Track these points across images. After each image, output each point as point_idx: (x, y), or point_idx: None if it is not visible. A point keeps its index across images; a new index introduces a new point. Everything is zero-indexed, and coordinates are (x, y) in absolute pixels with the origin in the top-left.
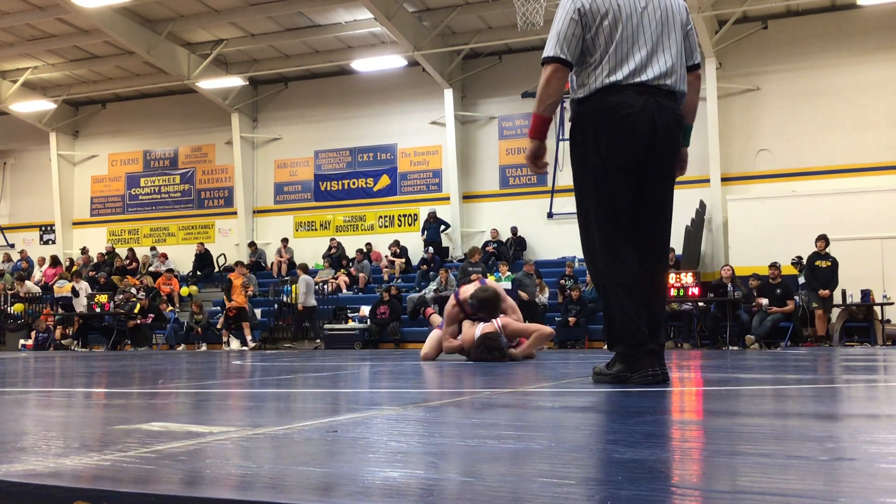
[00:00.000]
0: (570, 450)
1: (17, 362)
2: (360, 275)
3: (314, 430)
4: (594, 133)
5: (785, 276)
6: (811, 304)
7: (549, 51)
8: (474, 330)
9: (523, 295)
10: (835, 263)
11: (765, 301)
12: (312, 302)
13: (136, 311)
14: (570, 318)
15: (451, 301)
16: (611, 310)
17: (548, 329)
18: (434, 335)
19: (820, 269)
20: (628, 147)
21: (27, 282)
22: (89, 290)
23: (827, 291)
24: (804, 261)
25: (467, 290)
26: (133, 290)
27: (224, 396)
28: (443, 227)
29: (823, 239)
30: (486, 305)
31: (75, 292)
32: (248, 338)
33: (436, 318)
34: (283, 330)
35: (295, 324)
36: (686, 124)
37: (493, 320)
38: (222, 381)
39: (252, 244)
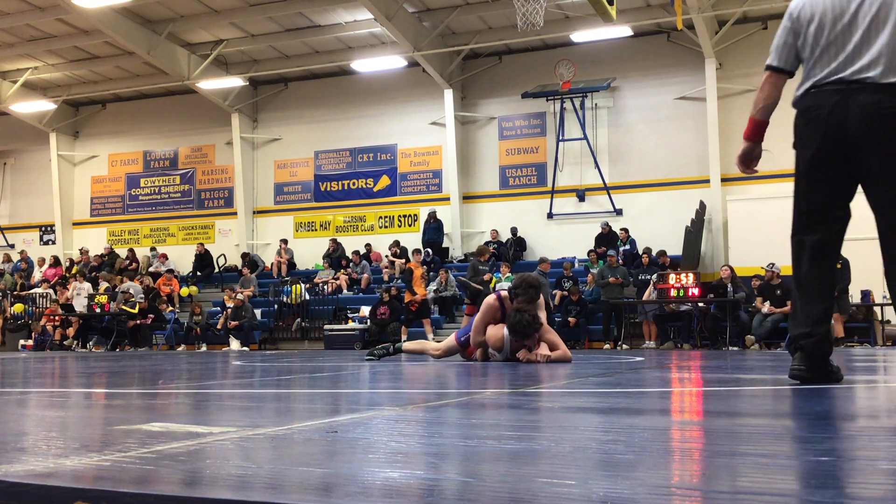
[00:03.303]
0: (570, 450)
1: (18, 362)
2: (364, 276)
3: (314, 430)
4: (797, 136)
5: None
6: None
7: (768, 59)
8: (502, 331)
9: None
10: (843, 262)
11: (764, 303)
12: None
13: (134, 310)
14: (570, 319)
15: (493, 299)
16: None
17: (570, 354)
18: (452, 337)
19: None
20: (817, 150)
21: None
22: (91, 291)
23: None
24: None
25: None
26: (130, 291)
27: (224, 397)
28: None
29: None
30: (528, 291)
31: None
32: (431, 337)
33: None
34: (282, 330)
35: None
36: None
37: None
38: (222, 381)
39: (245, 255)
